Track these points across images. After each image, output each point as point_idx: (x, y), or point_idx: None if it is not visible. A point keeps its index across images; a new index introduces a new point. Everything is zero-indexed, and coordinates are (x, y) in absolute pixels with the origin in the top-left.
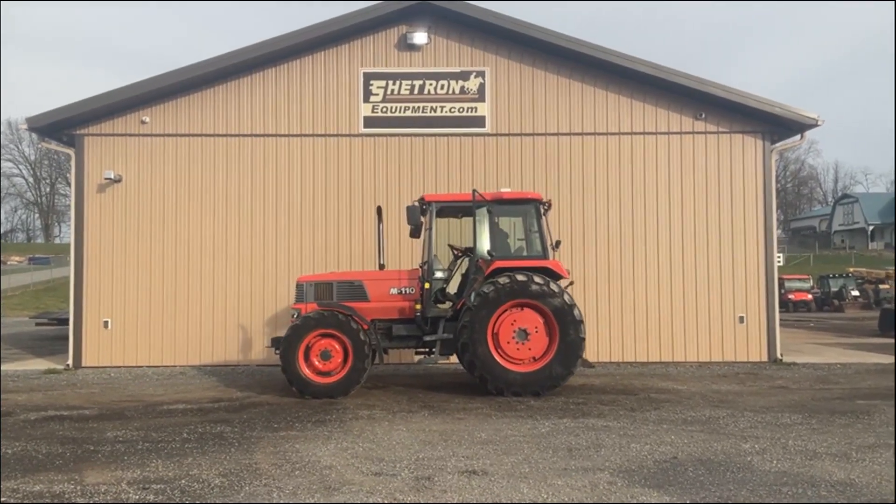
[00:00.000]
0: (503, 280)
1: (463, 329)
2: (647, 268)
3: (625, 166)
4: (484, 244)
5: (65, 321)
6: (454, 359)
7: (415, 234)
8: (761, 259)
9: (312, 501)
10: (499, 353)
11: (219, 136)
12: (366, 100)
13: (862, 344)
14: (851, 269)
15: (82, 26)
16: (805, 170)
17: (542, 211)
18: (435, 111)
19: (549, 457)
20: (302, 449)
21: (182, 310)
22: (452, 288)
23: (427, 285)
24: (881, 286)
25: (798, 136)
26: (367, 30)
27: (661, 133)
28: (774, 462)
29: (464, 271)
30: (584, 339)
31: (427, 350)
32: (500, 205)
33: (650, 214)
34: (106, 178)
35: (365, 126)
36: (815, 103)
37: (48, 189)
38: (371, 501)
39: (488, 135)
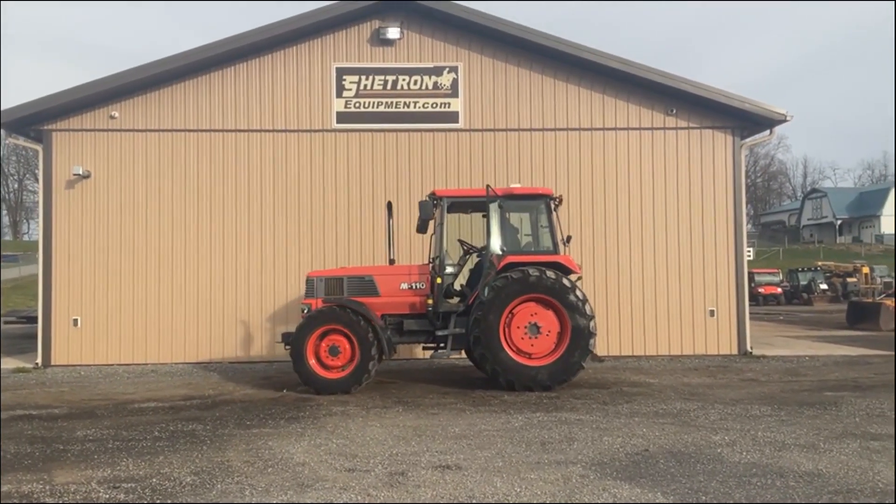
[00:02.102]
0: (515, 275)
1: (475, 324)
2: (619, 262)
3: (597, 162)
4: (497, 239)
5: (33, 319)
6: (451, 354)
7: (421, 229)
8: (731, 253)
9: (285, 498)
10: (511, 348)
11: (189, 131)
12: (339, 95)
13: (830, 336)
14: (820, 263)
15: (48, 20)
16: (774, 165)
17: (553, 206)
18: (408, 106)
19: (522, 451)
20: (275, 446)
21: (153, 307)
22: (460, 283)
23: (439, 280)
24: (849, 279)
25: (767, 132)
26: (339, 24)
27: (632, 129)
28: (744, 453)
29: (472, 266)
30: (595, 334)
31: (435, 345)
32: (511, 200)
33: (622, 209)
34: (74, 174)
35: (338, 121)
36: (785, 99)
37: (16, 185)
38: (344, 498)
39: (461, 130)
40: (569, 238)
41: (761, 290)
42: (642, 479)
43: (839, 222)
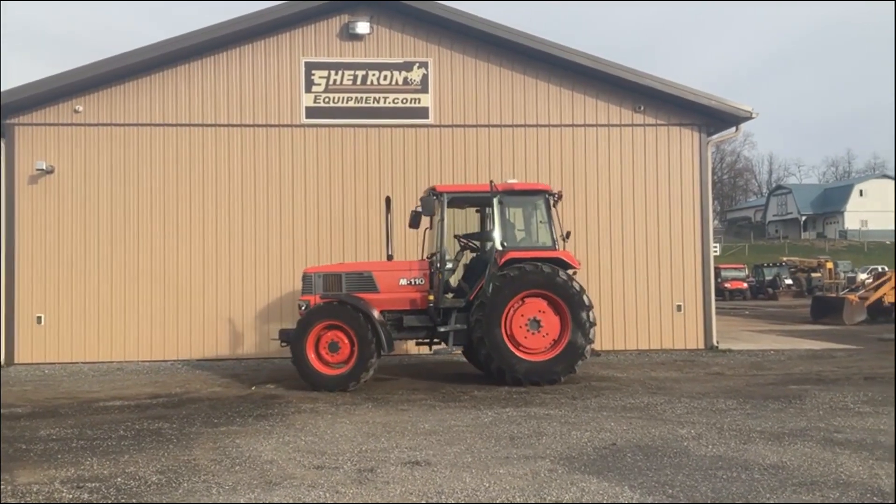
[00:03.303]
0: (514, 272)
1: (478, 323)
2: (587, 258)
3: (566, 158)
4: (501, 235)
5: None
6: (453, 350)
7: (414, 224)
8: (698, 249)
9: (253, 496)
10: (512, 343)
11: (155, 125)
12: (308, 90)
13: (795, 331)
14: (785, 259)
15: (10, 12)
16: (741, 161)
17: (553, 202)
18: (378, 102)
19: (491, 446)
20: (242, 444)
21: (119, 304)
22: (456, 279)
23: (441, 276)
24: (813, 275)
25: (733, 129)
26: (308, 18)
27: (601, 125)
28: (710, 447)
29: (466, 262)
30: (594, 326)
31: (429, 342)
32: (511, 195)
33: (590, 206)
34: (38, 170)
35: (307, 116)
36: (751, 97)
37: None
38: (312, 495)
39: (432, 126)
40: (567, 234)
41: (727, 285)
42: (610, 472)
43: (804, 218)
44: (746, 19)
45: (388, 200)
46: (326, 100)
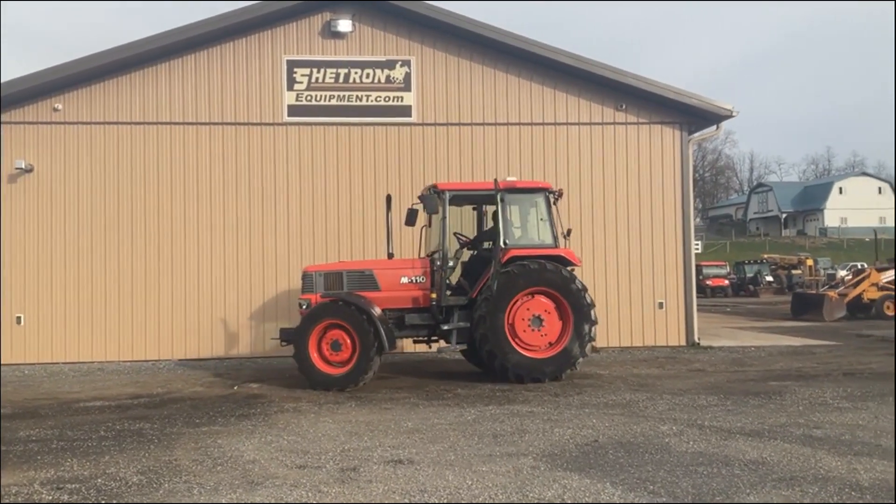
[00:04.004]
0: (517, 269)
1: (481, 321)
2: None
3: (549, 156)
4: (504, 232)
5: None
6: (458, 348)
7: (410, 222)
8: (680, 246)
9: (234, 496)
10: (515, 341)
11: (136, 124)
12: (290, 88)
13: (775, 327)
14: (766, 256)
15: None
16: (722, 160)
17: (553, 200)
18: (361, 100)
19: (474, 444)
20: (224, 444)
21: (99, 304)
22: (454, 277)
23: (444, 274)
24: (794, 272)
25: (714, 127)
26: (290, 16)
27: (583, 124)
28: (691, 443)
29: (464, 260)
30: (596, 322)
31: (426, 339)
32: (512, 193)
33: (573, 204)
34: (17, 168)
35: (289, 114)
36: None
37: None
38: (295, 495)
39: (414, 124)
40: (569, 231)
41: (709, 282)
42: (592, 469)
43: (784, 216)
44: (727, 18)
45: (388, 198)
46: (309, 98)
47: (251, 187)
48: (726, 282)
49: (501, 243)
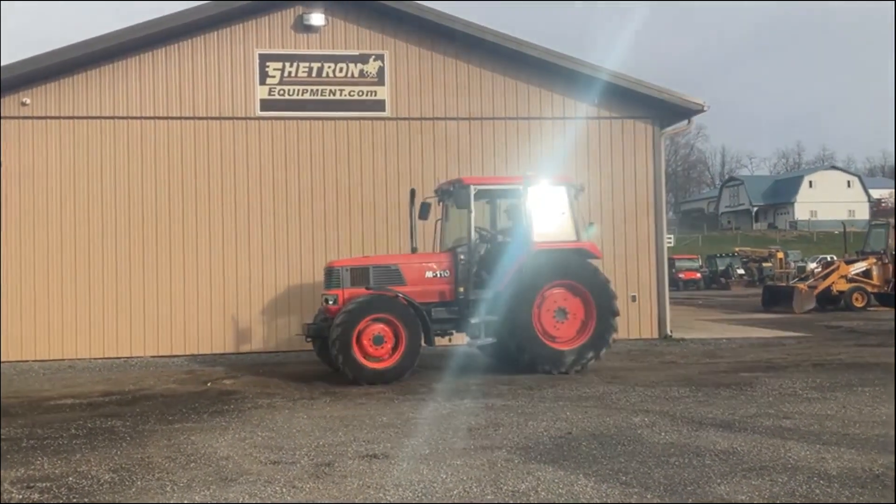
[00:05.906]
0: (544, 261)
1: (509, 314)
2: None
3: (522, 150)
4: (532, 226)
5: None
6: (488, 341)
7: (423, 215)
8: (652, 240)
9: (208, 493)
10: (542, 333)
11: (106, 118)
12: (262, 82)
13: (746, 319)
14: (737, 249)
15: None
16: (694, 154)
17: (574, 194)
18: (334, 94)
19: (449, 437)
20: (198, 441)
21: (69, 300)
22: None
23: (471, 268)
24: (764, 265)
25: (686, 122)
26: (261, 10)
27: (556, 118)
28: (663, 434)
29: (482, 253)
30: (619, 314)
31: (445, 333)
32: (538, 188)
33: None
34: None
35: (262, 109)
36: (703, 92)
37: None
38: (269, 491)
39: (388, 119)
40: (591, 224)
41: (681, 275)
42: (565, 461)
43: (755, 209)
44: (698, 14)
45: (412, 192)
46: (281, 92)
47: (223, 182)
48: (698, 275)
49: (530, 237)
